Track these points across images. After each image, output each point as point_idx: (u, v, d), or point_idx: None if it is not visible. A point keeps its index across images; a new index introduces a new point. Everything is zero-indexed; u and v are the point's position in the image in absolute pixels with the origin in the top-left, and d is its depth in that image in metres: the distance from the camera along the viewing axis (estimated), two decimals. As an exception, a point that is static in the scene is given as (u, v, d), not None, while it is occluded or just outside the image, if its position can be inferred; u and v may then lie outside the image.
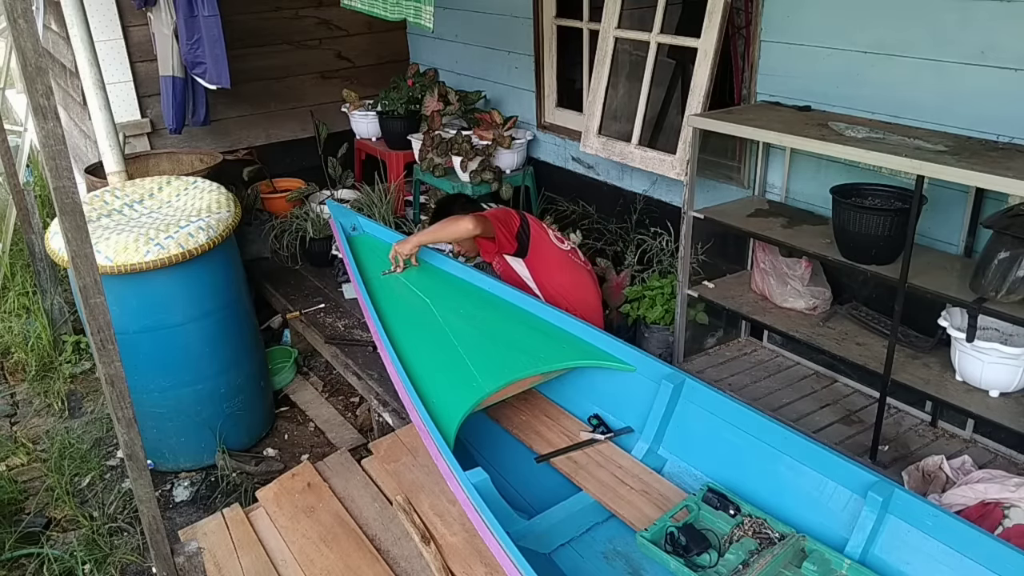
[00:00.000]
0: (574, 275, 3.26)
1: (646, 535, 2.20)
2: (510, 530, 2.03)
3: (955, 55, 2.63)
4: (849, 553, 2.11)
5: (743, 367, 3.38)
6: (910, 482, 2.51)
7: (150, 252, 2.95)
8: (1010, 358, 2.48)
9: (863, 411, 3.03)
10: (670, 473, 2.56)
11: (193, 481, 3.40)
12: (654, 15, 3.59)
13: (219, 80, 4.18)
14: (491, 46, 4.82)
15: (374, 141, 5.17)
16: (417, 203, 4.99)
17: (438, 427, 2.32)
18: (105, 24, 4.45)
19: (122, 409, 2.07)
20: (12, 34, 1.64)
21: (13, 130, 5.68)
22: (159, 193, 3.51)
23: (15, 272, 4.87)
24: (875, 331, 2.94)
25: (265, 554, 2.50)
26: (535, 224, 3.26)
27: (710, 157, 3.31)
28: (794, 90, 3.15)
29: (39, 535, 3.07)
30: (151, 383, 3.17)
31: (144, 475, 2.19)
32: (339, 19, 5.26)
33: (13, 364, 4.30)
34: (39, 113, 1.71)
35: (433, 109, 4.71)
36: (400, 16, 2.93)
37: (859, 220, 2.60)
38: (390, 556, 2.42)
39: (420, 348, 2.71)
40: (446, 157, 4.53)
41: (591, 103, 3.94)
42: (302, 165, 5.16)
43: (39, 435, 3.73)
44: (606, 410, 2.81)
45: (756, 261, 3.30)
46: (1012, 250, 2.29)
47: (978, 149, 2.46)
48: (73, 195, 1.80)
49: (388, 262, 3.13)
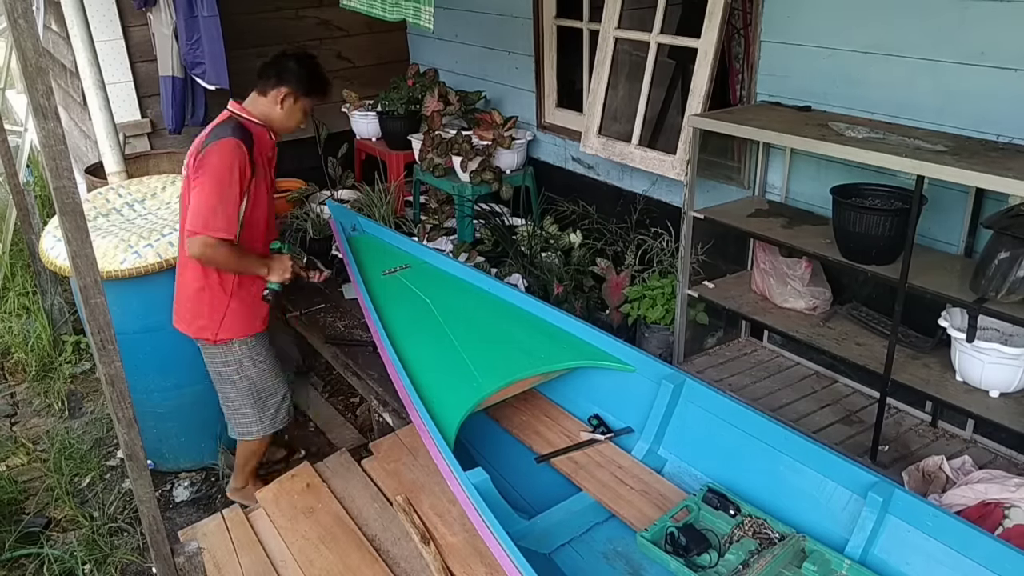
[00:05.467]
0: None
1: (646, 535, 2.20)
2: (510, 530, 2.03)
3: (955, 55, 2.63)
4: (849, 553, 2.11)
5: (743, 367, 3.38)
6: (910, 482, 2.51)
7: (126, 260, 2.93)
8: (1010, 358, 2.48)
9: (863, 411, 3.03)
10: (670, 473, 2.56)
11: (193, 481, 3.41)
12: (654, 15, 3.59)
13: (218, 80, 4.19)
14: (491, 46, 4.82)
15: (374, 141, 5.17)
16: (417, 203, 4.99)
17: (438, 427, 2.32)
18: (105, 24, 4.45)
19: (122, 409, 2.07)
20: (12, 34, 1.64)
21: (13, 130, 5.68)
22: (161, 193, 3.51)
23: (15, 272, 4.86)
24: (875, 331, 2.94)
25: (265, 555, 2.50)
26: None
27: (710, 157, 3.31)
28: (794, 90, 3.15)
29: (39, 535, 3.07)
30: (151, 383, 3.17)
31: (144, 475, 2.19)
32: (339, 19, 5.26)
33: (13, 364, 4.30)
34: (39, 113, 1.71)
35: (433, 109, 4.71)
36: (399, 16, 2.93)
37: (859, 220, 2.61)
38: (390, 556, 2.42)
39: (420, 348, 2.71)
40: (446, 157, 4.53)
41: (591, 103, 3.94)
42: (302, 165, 5.15)
43: (39, 435, 3.73)
44: (606, 410, 2.81)
45: (756, 261, 3.30)
46: (1012, 250, 2.29)
47: (978, 149, 2.46)
48: (73, 195, 1.80)
49: (389, 262, 3.13)
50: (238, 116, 2.68)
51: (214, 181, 2.52)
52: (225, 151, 2.53)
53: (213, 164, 2.53)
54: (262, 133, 2.71)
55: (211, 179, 2.52)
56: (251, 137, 2.64)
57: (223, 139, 2.55)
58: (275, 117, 2.73)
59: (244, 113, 2.70)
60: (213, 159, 2.53)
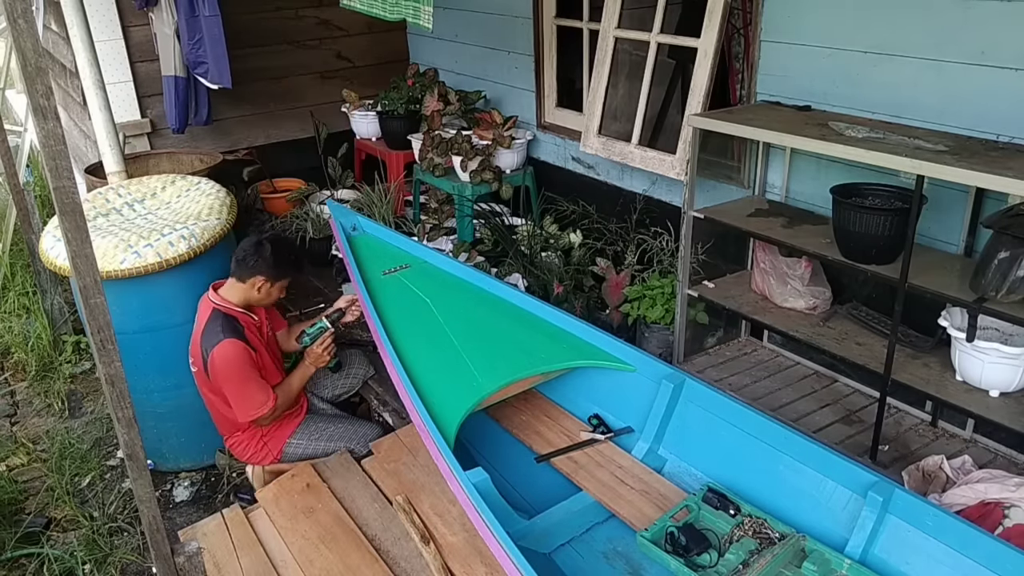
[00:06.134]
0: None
1: (646, 535, 2.20)
2: (510, 530, 2.02)
3: (955, 55, 2.63)
4: (849, 553, 2.11)
5: (743, 367, 3.38)
6: (910, 482, 2.51)
7: (126, 260, 2.93)
8: (1010, 358, 2.48)
9: (863, 411, 3.03)
10: (670, 473, 2.56)
11: (193, 481, 3.41)
12: (654, 15, 3.59)
13: (220, 80, 4.18)
14: (491, 46, 4.82)
15: (374, 141, 5.17)
16: (417, 203, 4.99)
17: (438, 427, 2.32)
18: (105, 24, 4.45)
19: (122, 409, 2.07)
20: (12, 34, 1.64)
21: (13, 130, 5.68)
22: (161, 193, 3.50)
23: (15, 272, 4.87)
24: (875, 331, 2.94)
25: (265, 554, 2.50)
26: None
27: (710, 157, 3.31)
28: (794, 90, 3.15)
29: (39, 535, 3.07)
30: (151, 383, 3.17)
31: (144, 475, 2.19)
32: (339, 19, 5.26)
33: (13, 364, 4.30)
34: (39, 113, 1.71)
35: (433, 109, 4.71)
36: (399, 16, 2.93)
37: (859, 220, 2.60)
38: (390, 556, 2.42)
39: (420, 348, 2.71)
40: (446, 157, 4.53)
41: (591, 103, 3.94)
42: (302, 165, 5.16)
43: (39, 435, 3.73)
44: (606, 410, 2.81)
45: (756, 261, 3.30)
46: (1012, 250, 2.29)
47: (978, 149, 2.46)
48: (73, 195, 1.80)
49: (389, 262, 3.13)
50: (220, 307, 2.88)
51: (233, 381, 2.81)
52: (227, 355, 2.79)
53: (223, 369, 2.79)
54: (245, 318, 2.94)
55: (230, 381, 2.81)
56: (239, 327, 2.87)
57: (218, 344, 2.78)
58: (254, 300, 2.96)
59: (225, 304, 2.90)
60: (220, 365, 2.79)
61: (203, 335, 2.84)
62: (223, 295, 2.91)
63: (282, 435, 3.02)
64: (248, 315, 2.95)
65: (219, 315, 2.86)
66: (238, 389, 2.82)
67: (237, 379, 2.80)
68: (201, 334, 2.85)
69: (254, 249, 2.88)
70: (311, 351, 3.05)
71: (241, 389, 2.82)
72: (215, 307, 2.87)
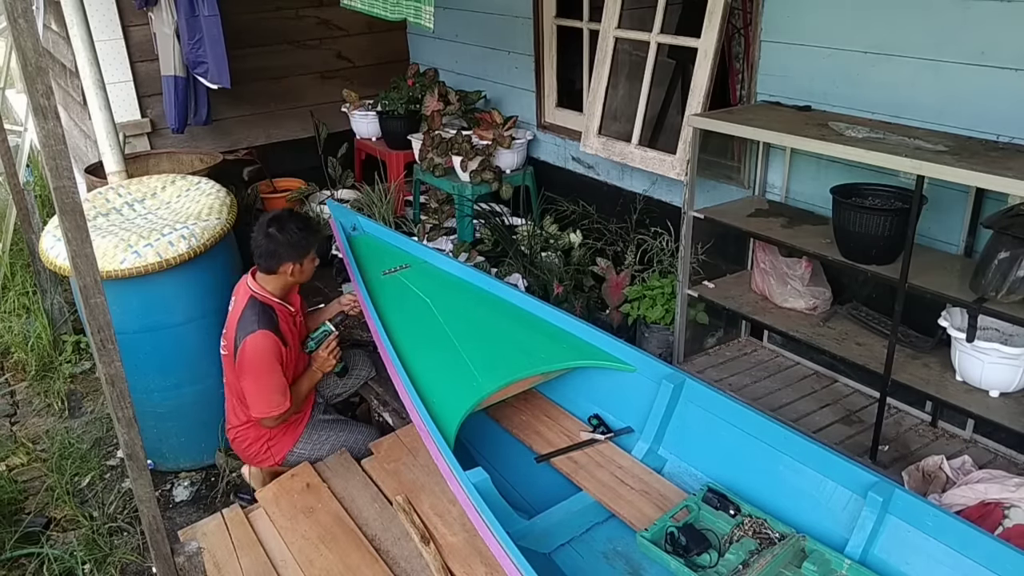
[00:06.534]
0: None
1: (646, 535, 2.20)
2: (510, 530, 2.03)
3: (955, 55, 2.63)
4: (849, 553, 2.11)
5: (743, 367, 3.38)
6: (910, 482, 2.51)
7: (126, 260, 2.93)
8: (1010, 358, 2.48)
9: (863, 411, 3.03)
10: (670, 473, 2.56)
11: (193, 481, 3.41)
12: (654, 15, 3.59)
13: (220, 80, 4.18)
14: (491, 46, 4.82)
15: (374, 141, 5.17)
16: (417, 203, 4.99)
17: (438, 427, 2.32)
18: (105, 24, 4.45)
19: (122, 409, 2.07)
20: (12, 34, 1.64)
21: (13, 130, 5.68)
22: (161, 192, 3.50)
23: (15, 272, 4.87)
24: (875, 331, 2.94)
25: (264, 554, 2.50)
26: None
27: (710, 157, 3.31)
28: (794, 90, 3.15)
29: (39, 535, 3.07)
30: (151, 383, 3.17)
31: (144, 475, 2.19)
32: (339, 19, 5.25)
33: (13, 364, 4.30)
34: (39, 113, 1.71)
35: (433, 109, 4.71)
36: (400, 16, 2.94)
37: (859, 220, 2.60)
38: (390, 556, 2.42)
39: (420, 348, 2.71)
40: (446, 157, 4.53)
41: (591, 103, 3.94)
42: (302, 165, 5.15)
43: (39, 435, 3.73)
44: (606, 410, 2.81)
45: (756, 261, 3.30)
46: (1012, 250, 2.29)
47: (978, 149, 2.46)
48: (73, 195, 1.80)
49: (389, 262, 3.13)
50: (257, 296, 2.87)
51: (257, 373, 2.81)
52: (258, 346, 2.79)
53: (252, 360, 2.79)
54: (282, 308, 2.94)
55: (254, 373, 2.81)
56: (275, 316, 2.87)
57: (252, 334, 2.78)
58: (291, 283, 2.97)
59: (263, 293, 2.89)
60: (250, 355, 2.79)
61: (239, 321, 2.83)
62: (262, 284, 2.90)
63: (287, 442, 3.02)
64: (284, 306, 2.95)
65: (256, 303, 2.85)
66: (260, 383, 2.81)
67: (262, 372, 2.80)
68: (238, 320, 2.84)
69: (266, 240, 2.85)
70: (317, 356, 3.05)
71: (263, 383, 2.81)
72: (252, 295, 2.86)
